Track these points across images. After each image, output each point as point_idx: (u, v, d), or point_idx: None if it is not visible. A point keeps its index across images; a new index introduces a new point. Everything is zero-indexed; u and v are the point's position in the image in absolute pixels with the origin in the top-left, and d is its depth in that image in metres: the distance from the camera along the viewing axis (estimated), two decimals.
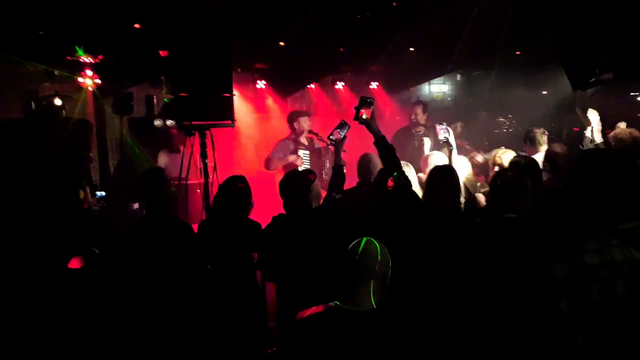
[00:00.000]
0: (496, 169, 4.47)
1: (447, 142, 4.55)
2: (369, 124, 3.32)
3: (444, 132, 4.60)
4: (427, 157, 4.77)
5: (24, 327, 2.74)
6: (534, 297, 1.91)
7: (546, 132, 5.36)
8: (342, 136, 3.75)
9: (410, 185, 3.46)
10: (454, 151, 4.54)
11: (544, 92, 9.93)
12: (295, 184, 3.49)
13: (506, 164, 4.39)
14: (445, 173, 3.41)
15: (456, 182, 3.35)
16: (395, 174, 3.24)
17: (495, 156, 4.77)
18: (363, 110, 3.30)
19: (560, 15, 5.63)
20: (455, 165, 4.32)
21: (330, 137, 3.78)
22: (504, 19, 6.11)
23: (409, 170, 4.12)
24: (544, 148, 5.17)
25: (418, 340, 2.14)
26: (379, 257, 2.21)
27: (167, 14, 5.05)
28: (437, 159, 4.54)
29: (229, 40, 5.19)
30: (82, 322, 2.85)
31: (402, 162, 4.19)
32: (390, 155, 3.31)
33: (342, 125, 3.79)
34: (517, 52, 8.16)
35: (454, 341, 2.68)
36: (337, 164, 3.68)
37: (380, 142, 3.31)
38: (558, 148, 4.82)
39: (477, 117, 9.27)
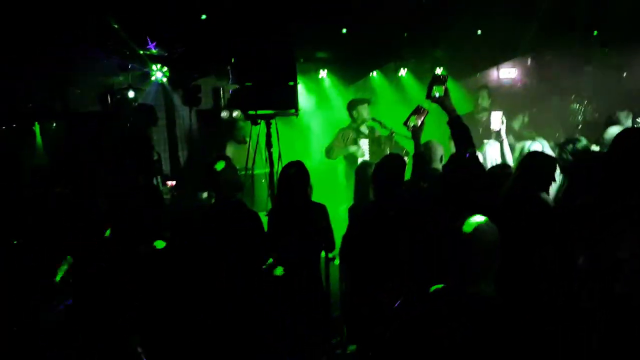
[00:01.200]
0: None
1: (498, 133, 4.37)
2: (442, 102, 3.16)
3: (498, 122, 4.42)
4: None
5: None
6: None
7: (631, 113, 4.97)
8: (419, 122, 3.50)
9: (482, 169, 3.30)
10: (505, 142, 4.38)
11: (624, 74, 9.24)
12: (389, 168, 3.41)
13: None
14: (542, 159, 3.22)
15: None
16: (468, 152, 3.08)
17: (522, 147, 4.28)
18: (436, 88, 3.14)
19: None
20: (506, 156, 4.22)
21: (408, 123, 3.52)
22: None
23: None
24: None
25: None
26: (497, 236, 1.99)
27: (231, 4, 5.14)
28: (491, 148, 4.37)
29: (292, 29, 5.22)
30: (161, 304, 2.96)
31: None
32: (465, 136, 3.12)
33: (418, 110, 3.53)
34: (594, 32, 7.66)
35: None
36: (417, 151, 3.52)
37: (455, 122, 3.14)
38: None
39: (549, 104, 8.79)
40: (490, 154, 4.55)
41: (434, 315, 1.98)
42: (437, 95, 3.14)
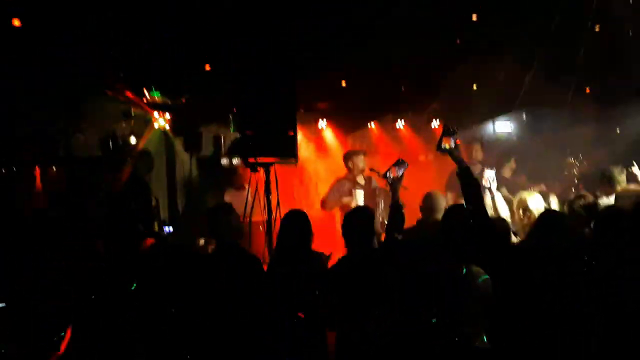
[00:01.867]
0: (520, 212, 4.22)
1: (489, 189, 4.48)
2: (451, 153, 3.22)
3: (490, 179, 4.52)
4: None
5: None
6: None
7: (625, 170, 5.04)
8: (399, 175, 3.59)
9: (489, 220, 3.30)
10: (496, 196, 4.50)
11: (617, 131, 9.42)
12: (356, 223, 3.39)
13: (532, 206, 4.13)
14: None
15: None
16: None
17: (520, 199, 4.35)
18: (445, 139, 3.21)
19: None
20: (499, 209, 4.35)
21: (387, 174, 3.62)
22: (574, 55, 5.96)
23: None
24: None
25: None
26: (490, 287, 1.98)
27: (235, 54, 5.30)
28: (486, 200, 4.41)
29: (293, 80, 5.37)
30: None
31: None
32: (473, 188, 3.14)
33: (399, 163, 3.64)
34: (587, 90, 7.89)
35: None
36: (396, 203, 3.53)
37: (464, 173, 3.15)
38: (633, 186, 4.53)
39: (545, 157, 8.90)
40: None
41: None
42: (446, 147, 3.20)
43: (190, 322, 3.18)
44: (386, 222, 3.56)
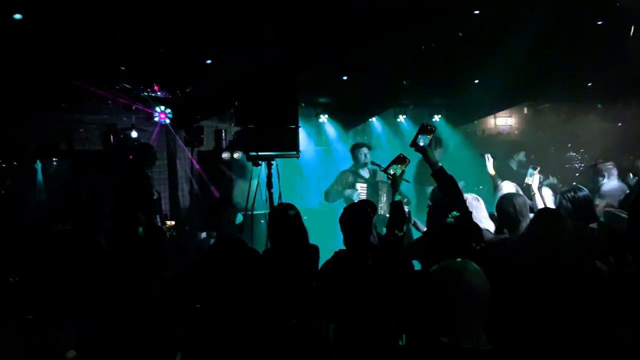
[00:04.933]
0: None
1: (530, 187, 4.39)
2: (425, 152, 3.15)
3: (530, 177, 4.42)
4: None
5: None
6: None
7: (613, 166, 5.07)
8: (399, 171, 3.48)
9: (470, 217, 3.25)
10: (537, 195, 4.33)
11: (619, 124, 9.43)
12: (354, 218, 3.31)
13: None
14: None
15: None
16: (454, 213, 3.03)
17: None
18: (421, 138, 3.14)
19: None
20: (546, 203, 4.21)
21: (388, 171, 3.51)
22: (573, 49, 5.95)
23: (477, 204, 3.99)
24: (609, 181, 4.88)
25: None
26: (486, 283, 1.85)
27: (237, 50, 5.29)
28: (507, 188, 4.38)
29: (295, 73, 5.36)
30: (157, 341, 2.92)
31: (472, 196, 4.09)
32: (450, 186, 3.08)
33: (400, 159, 3.51)
34: (589, 84, 7.88)
35: None
36: (395, 199, 3.43)
37: (439, 173, 3.11)
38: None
39: (546, 152, 8.92)
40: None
41: None
42: (421, 144, 3.13)
43: (190, 314, 3.19)
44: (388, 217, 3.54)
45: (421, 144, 3.15)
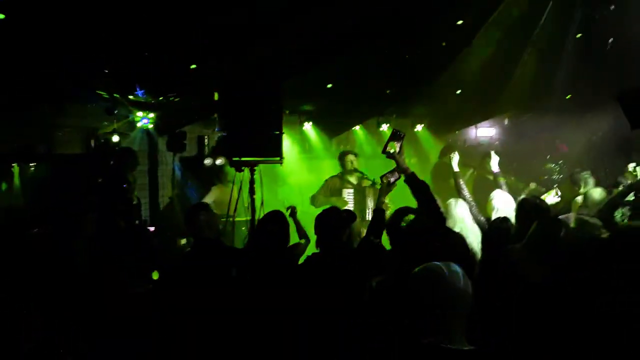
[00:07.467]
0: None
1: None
2: (396, 159, 3.21)
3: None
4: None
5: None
6: None
7: (592, 175, 5.20)
8: (391, 181, 3.53)
9: (443, 222, 3.27)
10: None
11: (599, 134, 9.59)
12: (328, 222, 3.35)
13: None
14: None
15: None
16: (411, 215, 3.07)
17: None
18: (391, 144, 3.18)
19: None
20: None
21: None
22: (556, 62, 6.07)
23: (463, 206, 4.07)
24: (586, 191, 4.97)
25: None
26: (468, 284, 1.86)
27: (221, 55, 5.28)
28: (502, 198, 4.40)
29: (279, 80, 5.36)
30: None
31: (463, 200, 4.16)
32: (424, 192, 3.12)
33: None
34: (568, 96, 8.02)
35: None
36: (378, 207, 3.49)
37: (411, 179, 3.17)
38: (596, 195, 4.59)
39: (526, 163, 9.03)
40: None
41: None
42: (391, 151, 3.19)
43: (171, 319, 3.15)
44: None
45: (391, 151, 3.21)
